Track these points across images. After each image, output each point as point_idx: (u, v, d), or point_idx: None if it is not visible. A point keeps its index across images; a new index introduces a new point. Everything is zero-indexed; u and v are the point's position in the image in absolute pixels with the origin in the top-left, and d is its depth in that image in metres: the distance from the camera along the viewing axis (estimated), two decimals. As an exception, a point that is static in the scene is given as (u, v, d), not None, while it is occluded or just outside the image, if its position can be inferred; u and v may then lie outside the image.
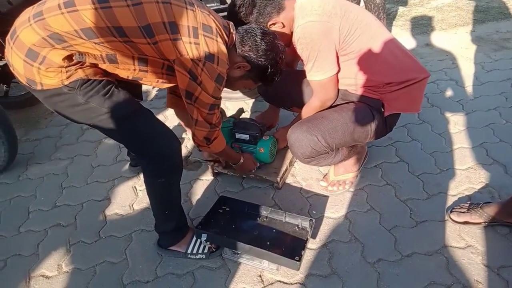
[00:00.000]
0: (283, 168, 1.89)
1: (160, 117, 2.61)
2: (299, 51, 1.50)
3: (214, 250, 1.56)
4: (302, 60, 1.55)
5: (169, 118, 2.61)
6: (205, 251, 1.55)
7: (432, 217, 1.63)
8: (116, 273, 1.54)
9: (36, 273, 1.57)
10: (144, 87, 2.97)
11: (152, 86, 1.36)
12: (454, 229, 1.57)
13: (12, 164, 2.20)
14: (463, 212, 1.57)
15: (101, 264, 1.58)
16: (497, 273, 1.38)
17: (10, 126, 2.05)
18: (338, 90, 1.61)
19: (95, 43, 1.10)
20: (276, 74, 1.43)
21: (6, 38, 1.14)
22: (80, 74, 1.13)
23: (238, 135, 1.89)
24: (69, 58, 1.11)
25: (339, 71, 1.53)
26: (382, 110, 1.58)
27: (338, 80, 1.57)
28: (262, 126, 1.90)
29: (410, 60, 1.57)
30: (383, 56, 1.51)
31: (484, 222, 1.52)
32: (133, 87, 1.42)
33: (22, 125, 2.68)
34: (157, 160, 1.34)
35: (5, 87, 2.70)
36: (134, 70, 1.22)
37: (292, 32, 1.51)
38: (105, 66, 1.18)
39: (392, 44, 1.54)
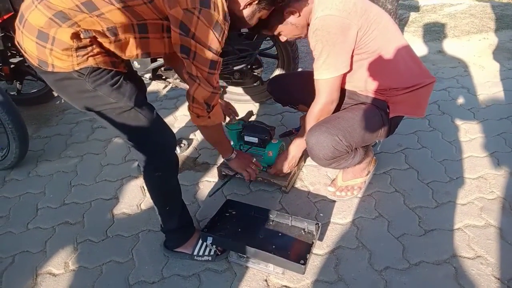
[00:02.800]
0: (291, 172, 1.89)
1: (169, 118, 2.63)
2: (312, 44, 1.46)
3: (220, 253, 1.55)
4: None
5: (179, 119, 2.62)
6: (211, 253, 1.55)
7: (441, 226, 1.61)
8: (122, 272, 1.54)
9: (43, 271, 1.58)
10: (154, 87, 3.00)
11: (162, 56, 1.32)
12: (464, 238, 1.54)
13: (22, 160, 2.23)
14: None
15: (107, 263, 1.59)
16: (508, 285, 1.35)
17: (21, 123, 2.07)
18: (344, 91, 1.60)
19: (96, 15, 1.09)
20: None
21: (16, 24, 1.16)
22: (90, 62, 1.14)
23: (247, 138, 1.89)
24: (77, 37, 1.10)
25: (350, 71, 1.51)
26: (388, 111, 1.58)
27: (344, 82, 1.55)
28: (271, 129, 1.90)
29: (417, 66, 1.57)
30: (395, 61, 1.50)
31: None
32: (140, 84, 1.43)
33: (33, 122, 2.71)
34: (154, 154, 1.35)
35: (18, 84, 2.73)
36: (135, 38, 1.19)
37: (308, 24, 1.49)
38: (112, 46, 1.17)
39: (404, 50, 1.53)
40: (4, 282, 1.55)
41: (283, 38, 1.59)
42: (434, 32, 3.69)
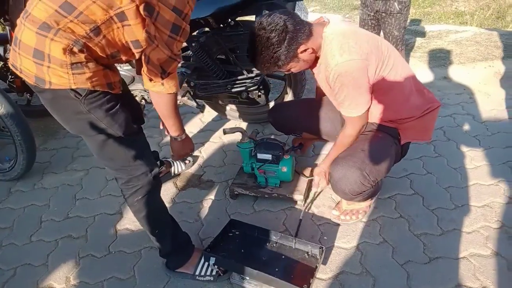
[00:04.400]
0: (304, 186, 1.91)
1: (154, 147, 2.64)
2: (335, 86, 1.48)
3: (222, 273, 1.54)
4: (331, 92, 1.56)
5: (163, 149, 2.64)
6: (213, 273, 1.54)
7: (446, 254, 1.60)
8: (123, 290, 1.53)
9: (44, 284, 1.58)
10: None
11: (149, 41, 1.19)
12: (469, 268, 1.53)
13: (28, 172, 2.24)
14: None
15: (109, 280, 1.58)
16: (513, 318, 1.33)
17: (30, 134, 2.10)
18: None
19: (75, 17, 1.06)
20: None
21: (12, 46, 1.16)
22: (88, 84, 1.12)
23: (260, 155, 1.90)
24: (70, 51, 1.07)
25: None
26: (399, 137, 1.62)
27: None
28: (283, 145, 1.91)
29: (424, 95, 1.63)
30: (405, 95, 1.57)
31: None
32: (134, 108, 1.45)
33: (41, 134, 2.73)
34: (133, 180, 1.35)
35: (28, 96, 2.77)
36: (118, 28, 1.13)
37: (318, 57, 1.53)
38: (102, 48, 1.14)
39: (411, 81, 1.59)
40: (4, 293, 1.55)
41: (294, 71, 1.59)
42: (440, 59, 3.72)
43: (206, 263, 1.56)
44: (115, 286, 1.55)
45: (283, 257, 1.57)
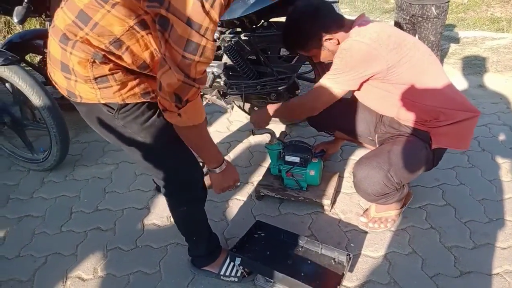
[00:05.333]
0: (331, 191, 1.88)
1: None
2: (335, 57, 1.53)
3: (246, 275, 1.54)
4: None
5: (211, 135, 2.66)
6: (238, 274, 1.54)
7: (478, 269, 1.54)
8: (148, 284, 1.55)
9: (73, 274, 1.62)
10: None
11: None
12: (503, 285, 1.46)
13: (61, 163, 2.30)
14: None
15: (135, 273, 1.60)
16: None
17: (65, 127, 2.16)
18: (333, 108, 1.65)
19: (91, 30, 0.96)
20: None
21: (47, 58, 1.13)
22: (117, 98, 1.05)
23: (288, 158, 1.89)
24: (91, 65, 0.99)
25: (358, 89, 1.57)
26: (430, 142, 1.56)
27: (331, 104, 1.62)
28: (312, 148, 1.90)
29: (460, 97, 1.56)
30: (433, 86, 1.51)
31: None
32: None
33: (74, 127, 2.81)
34: (179, 190, 1.33)
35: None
36: (142, 36, 1.00)
37: None
38: (127, 60, 1.02)
39: (442, 80, 1.54)
40: (36, 281, 1.59)
41: (316, 60, 1.67)
42: (475, 66, 3.60)
43: (232, 264, 1.55)
44: (140, 280, 1.57)
45: (309, 262, 1.55)
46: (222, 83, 2.31)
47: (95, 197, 2.08)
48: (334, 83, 1.54)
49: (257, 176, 2.10)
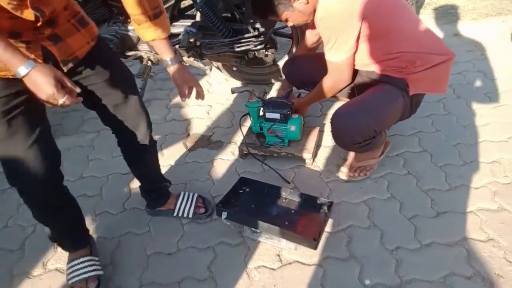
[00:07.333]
0: (312, 145, 1.93)
1: (162, 108, 2.64)
2: (320, 31, 1.53)
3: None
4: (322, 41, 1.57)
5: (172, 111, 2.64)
6: (190, 216, 1.66)
7: (453, 209, 1.63)
8: (139, 243, 1.60)
9: (63, 240, 1.64)
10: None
11: None
12: (476, 221, 1.56)
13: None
14: None
15: (125, 235, 1.64)
16: (519, 267, 1.37)
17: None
18: (354, 71, 1.63)
19: None
20: None
21: None
22: None
23: (268, 115, 1.90)
24: None
25: (356, 51, 1.55)
26: (407, 89, 1.58)
27: (354, 61, 1.59)
28: (292, 104, 1.91)
29: (435, 41, 1.58)
30: (406, 32, 1.52)
31: None
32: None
33: (49, 97, 2.74)
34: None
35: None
36: None
37: (314, 10, 1.52)
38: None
39: (416, 23, 1.55)
40: (26, 249, 1.62)
41: (289, 24, 1.64)
42: (451, 15, 3.60)
43: (183, 205, 1.66)
44: (131, 241, 1.61)
45: (293, 211, 1.61)
46: (197, 43, 2.26)
47: (79, 165, 2.08)
48: (336, 53, 1.53)
49: (240, 136, 2.12)
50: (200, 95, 1.45)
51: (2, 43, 0.88)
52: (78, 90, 1.02)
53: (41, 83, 0.92)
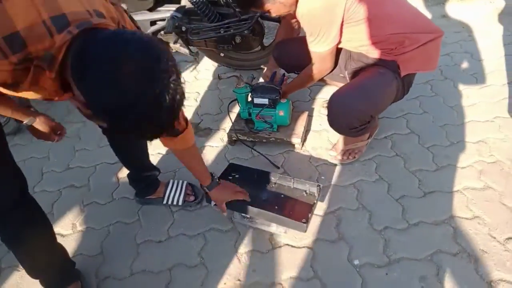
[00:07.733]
0: (301, 130, 1.93)
1: None
2: (302, 25, 1.58)
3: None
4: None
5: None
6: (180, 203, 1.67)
7: (441, 188, 1.65)
8: (129, 232, 1.59)
9: (52, 231, 1.63)
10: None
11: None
12: (462, 200, 1.58)
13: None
14: None
15: (114, 224, 1.63)
16: (503, 243, 1.40)
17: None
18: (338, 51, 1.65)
19: None
20: None
21: None
22: None
23: (257, 100, 1.89)
24: None
25: (339, 42, 1.57)
26: (398, 71, 1.58)
27: (336, 51, 1.62)
28: (280, 88, 1.90)
29: (422, 19, 1.58)
30: (392, 15, 1.52)
31: None
32: None
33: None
34: None
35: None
36: None
37: (296, 1, 1.51)
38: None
39: (402, 4, 1.56)
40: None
41: (272, 14, 1.62)
42: (439, -4, 3.60)
43: (172, 194, 1.68)
44: (121, 230, 1.61)
45: (282, 196, 1.61)
46: (183, 28, 2.22)
47: (65, 156, 2.05)
48: (319, 46, 1.56)
49: (228, 122, 2.11)
50: (246, 196, 1.51)
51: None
52: (65, 132, 1.46)
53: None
